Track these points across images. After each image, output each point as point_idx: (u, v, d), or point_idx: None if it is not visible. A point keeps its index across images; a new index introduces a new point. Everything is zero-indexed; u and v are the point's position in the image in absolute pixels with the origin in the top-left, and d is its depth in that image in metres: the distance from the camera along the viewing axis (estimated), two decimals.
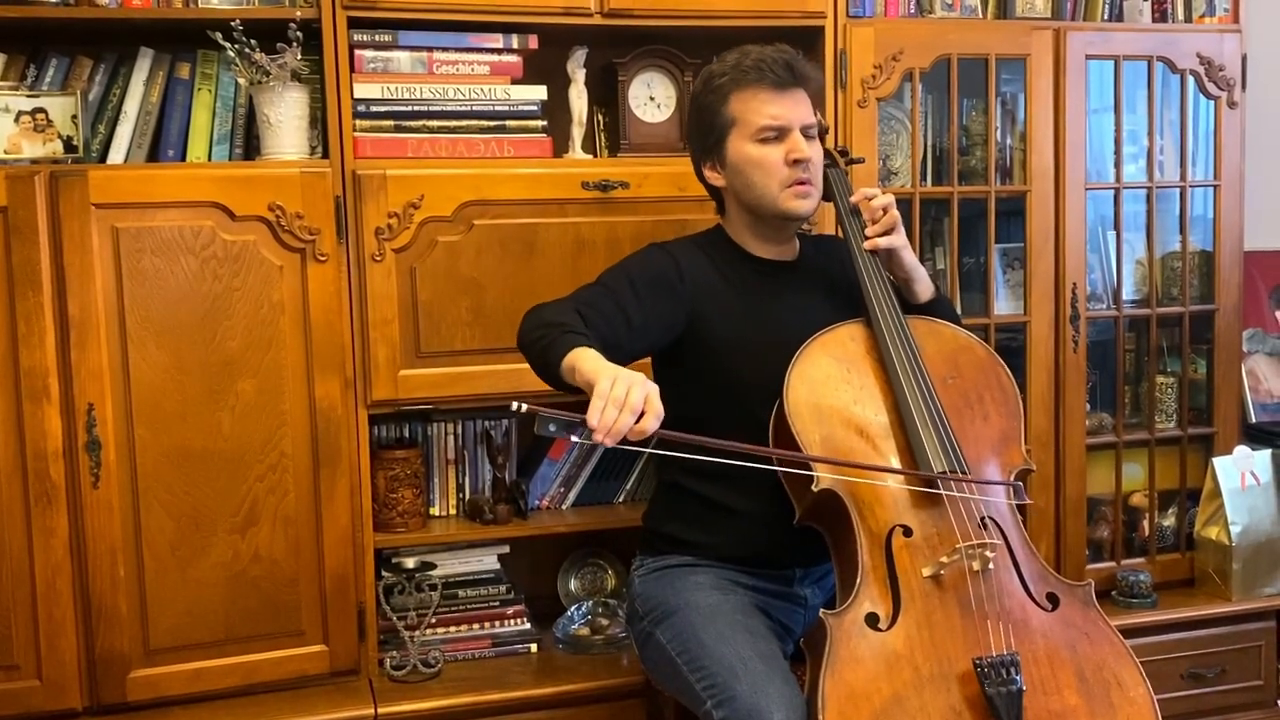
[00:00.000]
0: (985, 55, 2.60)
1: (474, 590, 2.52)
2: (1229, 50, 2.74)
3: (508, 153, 2.40)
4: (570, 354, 1.75)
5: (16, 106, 2.20)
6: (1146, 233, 2.78)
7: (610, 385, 1.61)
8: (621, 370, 1.66)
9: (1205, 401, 2.85)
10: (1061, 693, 1.74)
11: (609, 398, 1.60)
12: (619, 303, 1.93)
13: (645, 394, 1.62)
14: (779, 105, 1.99)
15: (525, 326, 1.90)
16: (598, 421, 1.59)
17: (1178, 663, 2.68)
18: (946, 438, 1.86)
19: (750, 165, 2.01)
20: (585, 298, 1.94)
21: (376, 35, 2.33)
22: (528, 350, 1.87)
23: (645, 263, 2.03)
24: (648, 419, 1.61)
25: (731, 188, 2.06)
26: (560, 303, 1.93)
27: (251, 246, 2.22)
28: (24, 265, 2.10)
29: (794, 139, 2.00)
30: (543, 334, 1.82)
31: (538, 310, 1.92)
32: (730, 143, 2.02)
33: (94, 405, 2.15)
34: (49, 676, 2.17)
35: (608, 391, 1.60)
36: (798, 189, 2.01)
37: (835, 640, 1.73)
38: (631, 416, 1.60)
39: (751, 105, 1.99)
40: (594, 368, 1.68)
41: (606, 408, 1.59)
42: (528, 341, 1.87)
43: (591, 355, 1.72)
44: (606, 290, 1.95)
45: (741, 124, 2.00)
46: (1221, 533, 2.73)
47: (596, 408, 1.60)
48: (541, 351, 1.81)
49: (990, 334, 2.61)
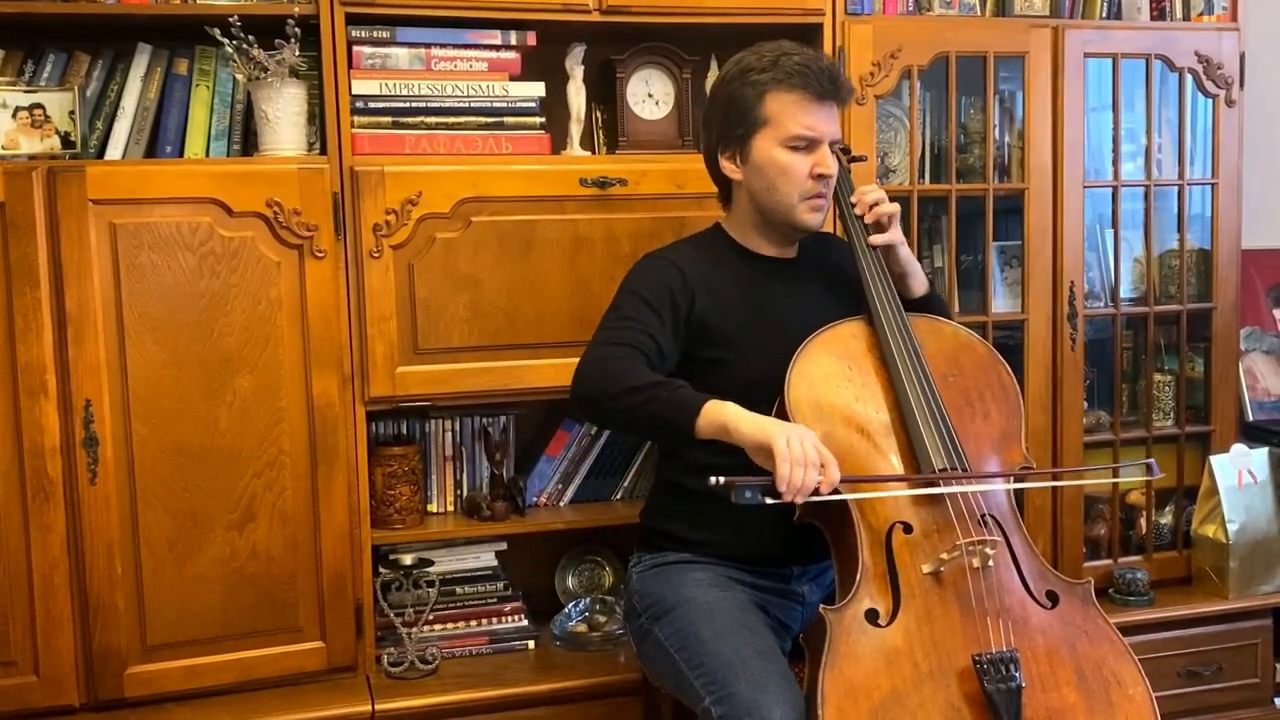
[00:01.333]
0: (983, 53, 2.60)
1: (471, 587, 2.51)
2: (1227, 48, 2.74)
3: (506, 149, 2.40)
4: (705, 412, 1.76)
5: (14, 102, 2.20)
6: (1144, 231, 2.78)
7: (788, 445, 1.68)
8: (788, 427, 1.73)
9: (1203, 399, 2.85)
10: (1060, 690, 1.75)
11: (792, 460, 1.67)
12: (650, 332, 1.93)
13: (818, 447, 1.71)
14: (815, 116, 1.98)
15: (605, 391, 1.85)
16: (787, 486, 1.67)
17: (1174, 660, 2.68)
18: (947, 435, 1.86)
19: (775, 169, 1.99)
20: (626, 338, 1.91)
21: (374, 31, 2.33)
22: (627, 416, 1.84)
23: (652, 281, 2.01)
24: (830, 469, 1.71)
25: (748, 185, 2.04)
26: (610, 352, 1.89)
27: (249, 243, 2.21)
28: (21, 261, 2.10)
29: (822, 152, 1.99)
30: (644, 398, 1.81)
31: (599, 369, 1.87)
32: (757, 141, 2.00)
33: (91, 401, 2.14)
34: (46, 673, 2.17)
35: (788, 453, 1.68)
36: (814, 202, 2.01)
37: (835, 636, 1.73)
38: (816, 472, 1.69)
39: (789, 110, 1.97)
40: (758, 426, 1.73)
41: (794, 469, 1.67)
42: (624, 408, 1.83)
43: (737, 412, 1.76)
44: (634, 322, 1.94)
45: (774, 125, 1.98)
46: (1219, 531, 2.73)
47: (784, 472, 1.67)
48: (655, 416, 1.80)
49: (988, 332, 2.61)
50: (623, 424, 1.91)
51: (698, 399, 1.78)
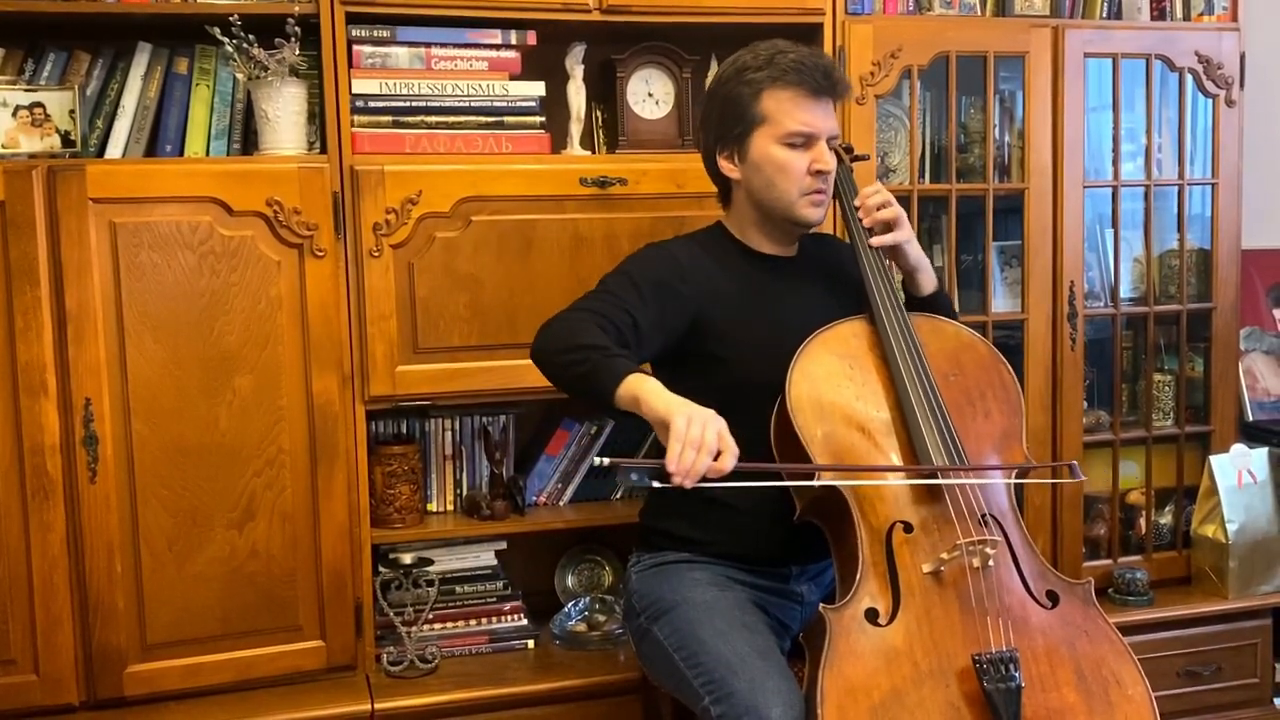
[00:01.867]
0: (984, 53, 2.60)
1: (471, 586, 2.51)
2: (1227, 48, 2.74)
3: (506, 149, 2.40)
4: (626, 382, 1.73)
5: (14, 101, 2.20)
6: (1144, 231, 2.78)
7: (685, 426, 1.63)
8: (692, 408, 1.66)
9: (1202, 399, 2.85)
10: (1060, 690, 1.75)
11: (685, 440, 1.62)
12: (627, 308, 1.90)
13: (718, 431, 1.65)
14: (812, 112, 1.98)
15: (550, 346, 1.85)
16: (676, 466, 1.61)
17: (1173, 660, 2.68)
18: (948, 434, 1.86)
19: (773, 167, 1.99)
20: (595, 306, 1.90)
21: (375, 31, 2.33)
22: (561, 372, 1.83)
23: (647, 264, 2.01)
24: (725, 458, 1.65)
25: (746, 183, 2.04)
26: (574, 314, 1.88)
27: (249, 242, 2.21)
28: (21, 260, 2.10)
29: (820, 149, 1.99)
30: (579, 357, 1.79)
31: (556, 326, 1.87)
32: (755, 139, 1.99)
33: (91, 400, 2.14)
34: (46, 671, 2.17)
35: (684, 433, 1.62)
36: (814, 198, 2.01)
37: (834, 635, 1.73)
38: (709, 457, 1.63)
39: (785, 107, 1.97)
40: (663, 404, 1.67)
41: (684, 450, 1.61)
42: (561, 363, 1.82)
43: (653, 386, 1.72)
44: (613, 296, 1.92)
45: (771, 123, 1.98)
46: (1218, 531, 2.73)
47: (674, 451, 1.62)
48: (584, 377, 1.78)
49: (988, 331, 2.61)
50: (559, 380, 1.86)
51: (626, 368, 1.75)
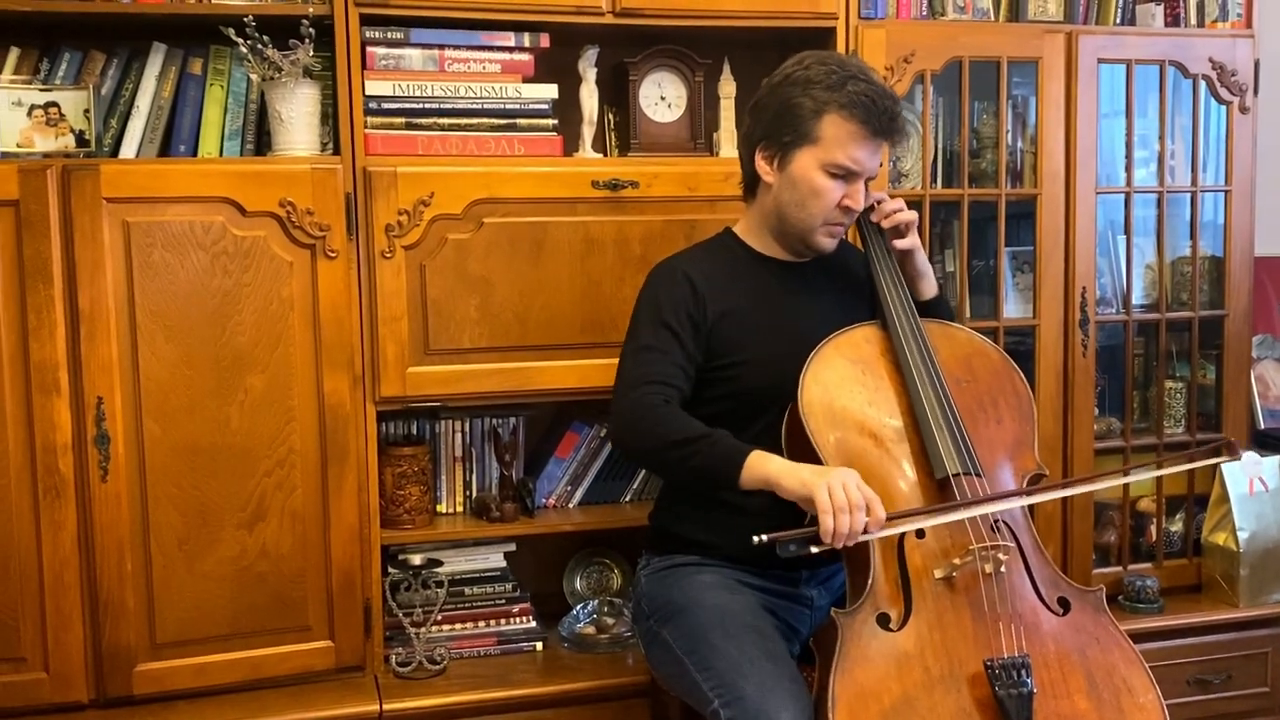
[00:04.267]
0: (997, 58, 2.59)
1: (480, 588, 2.52)
2: (1241, 55, 2.73)
3: (518, 151, 2.40)
4: (748, 466, 1.80)
5: (29, 100, 2.20)
6: (1156, 237, 2.77)
7: (829, 495, 1.70)
8: (829, 474, 1.73)
9: (1214, 407, 2.84)
10: (1071, 697, 1.74)
11: (835, 509, 1.69)
12: (674, 360, 1.96)
13: (860, 487, 1.71)
14: (865, 151, 1.97)
15: (644, 445, 1.91)
16: (834, 537, 1.69)
17: (1184, 668, 2.67)
18: (961, 439, 1.86)
19: (809, 189, 1.99)
20: (653, 374, 1.94)
21: (388, 32, 2.33)
22: (674, 469, 1.93)
23: (668, 297, 2.01)
24: (875, 508, 1.71)
25: (778, 192, 2.03)
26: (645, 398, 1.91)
27: (262, 242, 2.22)
28: (35, 258, 2.10)
29: (857, 187, 2.00)
30: (686, 452, 1.85)
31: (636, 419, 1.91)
32: (800, 155, 1.98)
33: (103, 399, 2.15)
34: (56, 669, 2.17)
35: (830, 503, 1.69)
36: (834, 229, 2.03)
37: (846, 639, 1.73)
38: (863, 514, 1.70)
39: (841, 138, 1.95)
40: (800, 481, 1.75)
41: (839, 518, 1.68)
42: (669, 461, 1.89)
43: (779, 466, 1.79)
44: (658, 353, 1.96)
45: (822, 147, 1.96)
46: (1229, 539, 2.72)
47: (828, 525, 1.69)
48: (700, 470, 1.85)
49: (999, 337, 2.60)
50: (667, 475, 1.99)
51: (742, 451, 1.82)
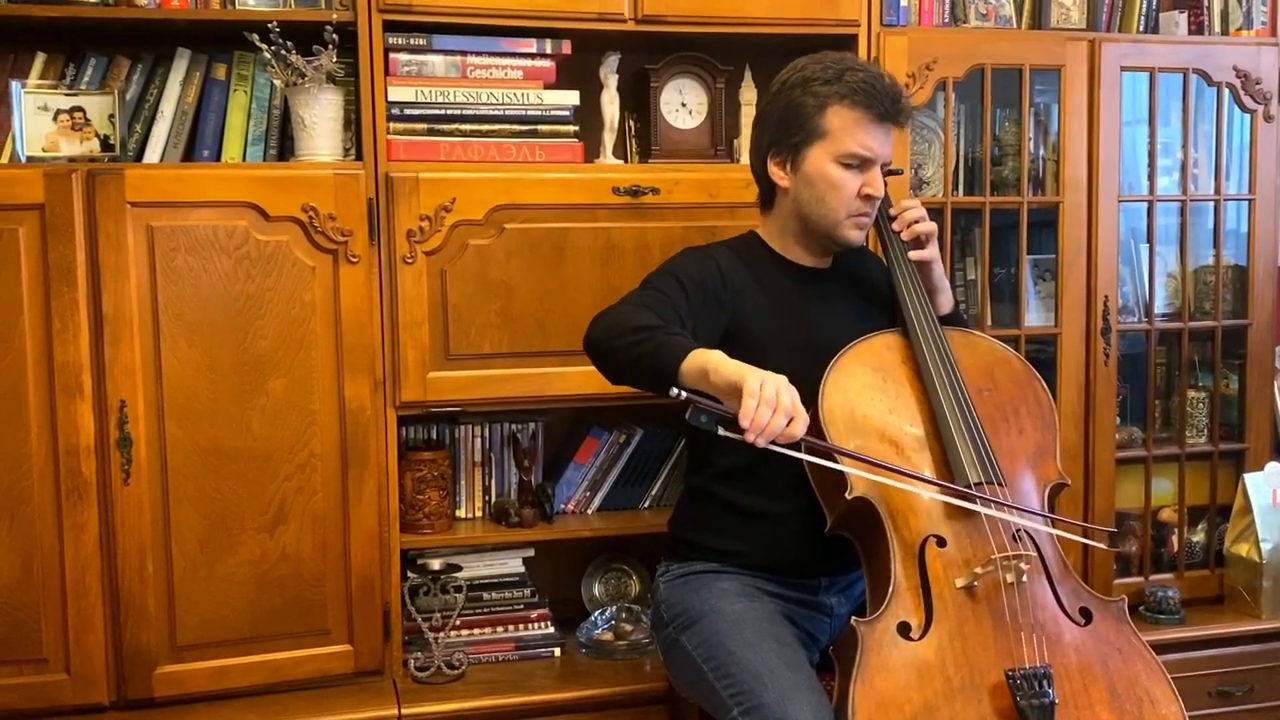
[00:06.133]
0: (1019, 66, 2.58)
1: (499, 593, 2.52)
2: (1266, 63, 2.72)
3: (539, 157, 2.40)
4: (694, 354, 1.70)
5: (55, 105, 2.22)
6: (1179, 246, 2.75)
7: (760, 385, 1.60)
8: (766, 372, 1.64)
9: (1237, 417, 2.82)
10: (1093, 708, 1.73)
11: (761, 398, 1.59)
12: (674, 306, 1.90)
13: (793, 398, 1.62)
14: (874, 137, 1.97)
15: (606, 333, 1.83)
16: (750, 421, 1.58)
17: (1206, 680, 2.65)
18: (983, 448, 1.85)
19: (825, 184, 1.98)
20: (645, 300, 1.89)
21: (411, 39, 2.34)
22: (622, 355, 1.79)
23: (689, 267, 2.01)
24: (796, 424, 1.62)
25: (795, 194, 2.03)
26: (625, 306, 1.88)
27: (284, 247, 2.23)
28: (60, 262, 2.12)
29: (874, 174, 1.99)
30: (641, 338, 1.77)
31: (610, 316, 1.86)
32: (812, 152, 1.98)
33: (126, 402, 2.16)
34: (77, 671, 2.18)
35: (758, 391, 1.59)
36: (859, 220, 2.01)
37: (866, 648, 1.72)
38: (784, 418, 1.60)
39: (848, 127, 1.95)
40: (737, 368, 1.65)
41: (760, 407, 1.58)
42: (621, 345, 1.79)
43: (722, 355, 1.69)
44: (660, 293, 1.92)
45: (832, 140, 1.96)
46: (1252, 550, 2.70)
47: (749, 407, 1.58)
48: (646, 356, 1.74)
49: (1021, 345, 2.59)
50: (619, 363, 1.82)
51: (690, 345, 1.73)
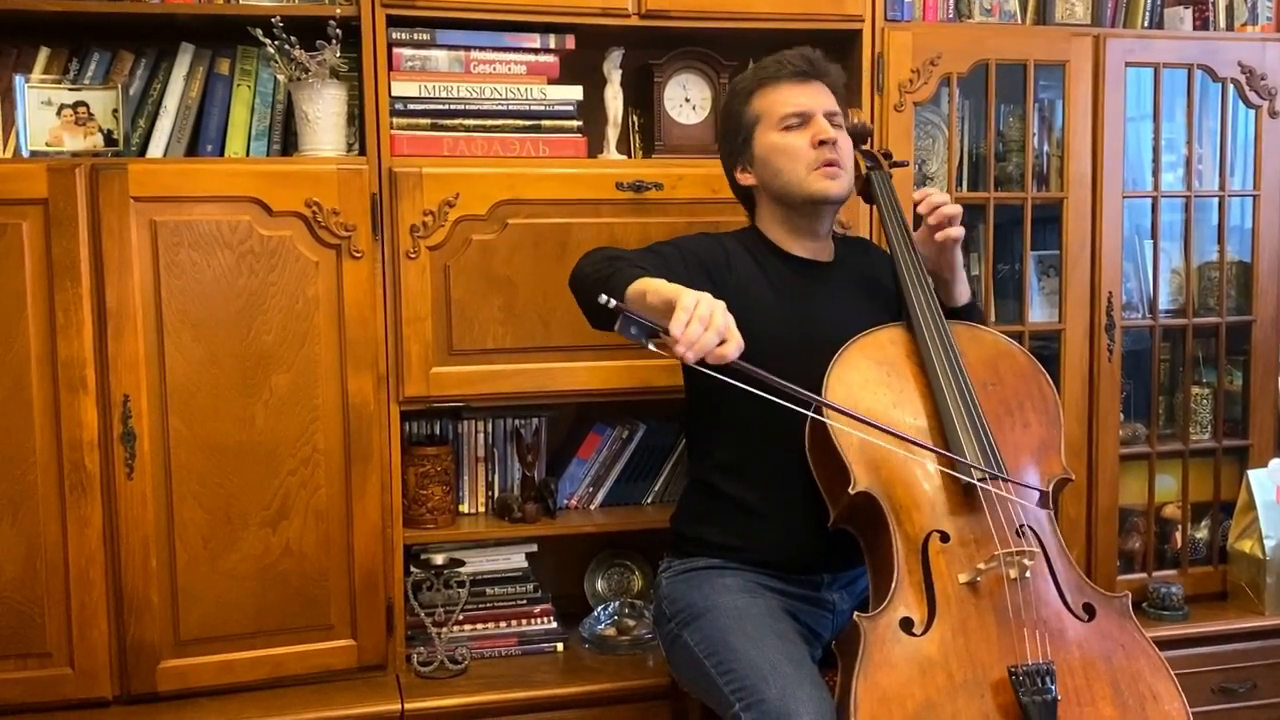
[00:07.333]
0: (1024, 61, 2.58)
1: (502, 588, 2.52)
2: (1271, 59, 2.71)
3: (543, 152, 2.40)
4: (642, 280, 1.72)
5: (59, 100, 2.22)
6: (1184, 242, 2.75)
7: (695, 303, 1.59)
8: (703, 293, 1.62)
9: (1241, 413, 2.81)
10: (1096, 704, 1.73)
11: (694, 313, 1.58)
12: (668, 267, 1.91)
13: (728, 320, 1.60)
14: (800, 94, 2.04)
15: (584, 265, 1.88)
16: (681, 334, 1.56)
17: (1208, 676, 2.64)
18: (986, 442, 1.85)
19: (776, 153, 2.03)
20: (636, 256, 1.92)
21: (415, 34, 2.34)
22: (584, 280, 1.82)
23: (696, 243, 2.05)
24: (729, 346, 1.60)
25: (762, 182, 2.07)
26: (617, 249, 1.94)
27: (288, 242, 2.23)
28: (63, 257, 2.12)
29: (818, 123, 2.03)
30: (606, 267, 1.81)
31: (596, 252, 1.91)
32: (757, 137, 2.05)
33: (129, 396, 2.16)
34: (80, 665, 2.19)
35: (692, 308, 1.58)
36: (826, 170, 2.02)
37: (869, 643, 1.72)
38: (715, 336, 1.58)
39: (773, 98, 2.04)
40: (675, 288, 1.65)
41: (692, 322, 1.57)
42: (586, 272, 1.84)
43: (664, 280, 1.70)
44: (655, 254, 1.97)
45: (766, 117, 2.04)
46: (1255, 546, 2.70)
47: (680, 320, 1.57)
48: (604, 279, 1.77)
49: (1025, 341, 2.58)
50: (580, 288, 1.84)
51: (642, 273, 1.75)
